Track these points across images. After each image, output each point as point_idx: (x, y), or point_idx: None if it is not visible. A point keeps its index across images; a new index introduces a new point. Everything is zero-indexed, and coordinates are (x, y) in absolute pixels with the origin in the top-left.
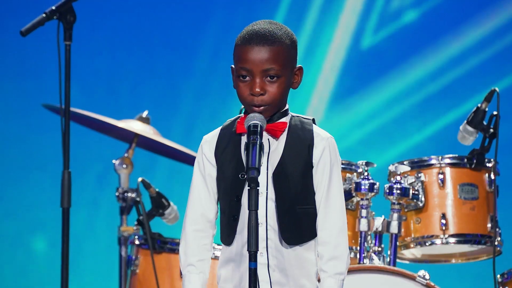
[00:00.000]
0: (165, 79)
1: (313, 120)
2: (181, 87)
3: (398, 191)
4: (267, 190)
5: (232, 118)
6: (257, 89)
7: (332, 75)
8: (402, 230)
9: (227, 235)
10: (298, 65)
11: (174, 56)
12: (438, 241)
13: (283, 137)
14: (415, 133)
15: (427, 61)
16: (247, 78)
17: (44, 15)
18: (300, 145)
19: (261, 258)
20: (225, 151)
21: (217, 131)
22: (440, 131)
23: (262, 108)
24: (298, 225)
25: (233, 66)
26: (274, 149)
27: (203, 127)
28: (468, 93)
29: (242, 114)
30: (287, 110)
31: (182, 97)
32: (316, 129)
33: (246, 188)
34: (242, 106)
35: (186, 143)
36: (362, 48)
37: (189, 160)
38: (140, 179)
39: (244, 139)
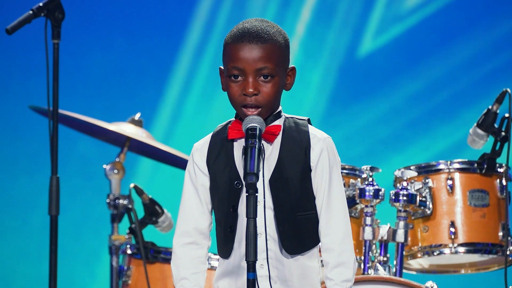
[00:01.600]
0: (159, 80)
1: (309, 120)
2: (176, 88)
3: (405, 198)
4: (264, 198)
5: (223, 123)
6: (250, 89)
7: (334, 79)
8: (409, 239)
9: (224, 248)
10: (290, 66)
11: (169, 55)
12: (446, 250)
13: (278, 141)
14: (424, 139)
15: (437, 65)
16: (239, 78)
17: (31, 12)
18: (297, 148)
19: (261, 270)
20: (218, 158)
21: (208, 138)
22: (451, 137)
23: (255, 109)
24: (299, 233)
25: (221, 67)
26: (269, 154)
27: (200, 130)
28: (479, 98)
29: (233, 119)
30: (280, 112)
31: (177, 99)
32: (312, 130)
33: (243, 196)
34: None
35: (180, 146)
36: (366, 51)
37: (184, 165)
38: (132, 185)
39: (236, 145)
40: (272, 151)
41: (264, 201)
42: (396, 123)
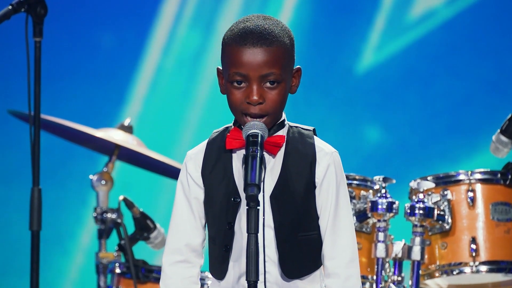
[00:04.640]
0: (151, 82)
1: (314, 130)
2: (170, 90)
3: (421, 212)
4: (264, 215)
5: (220, 129)
6: (255, 97)
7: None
8: (426, 256)
9: (218, 268)
10: (296, 66)
11: (163, 55)
12: (467, 269)
13: (281, 153)
14: (442, 148)
15: (453, 72)
16: (243, 84)
17: (10, 7)
18: (301, 162)
19: None
20: (214, 169)
21: (203, 146)
22: (471, 145)
23: (259, 118)
24: (300, 255)
25: (219, 68)
26: (271, 167)
27: (195, 136)
28: (500, 105)
29: (230, 125)
30: (284, 121)
31: (170, 102)
32: (318, 142)
33: (240, 213)
34: None
35: (174, 154)
36: (374, 59)
37: (178, 175)
38: (121, 197)
39: (235, 155)
40: (274, 164)
41: (264, 218)
42: (411, 132)
